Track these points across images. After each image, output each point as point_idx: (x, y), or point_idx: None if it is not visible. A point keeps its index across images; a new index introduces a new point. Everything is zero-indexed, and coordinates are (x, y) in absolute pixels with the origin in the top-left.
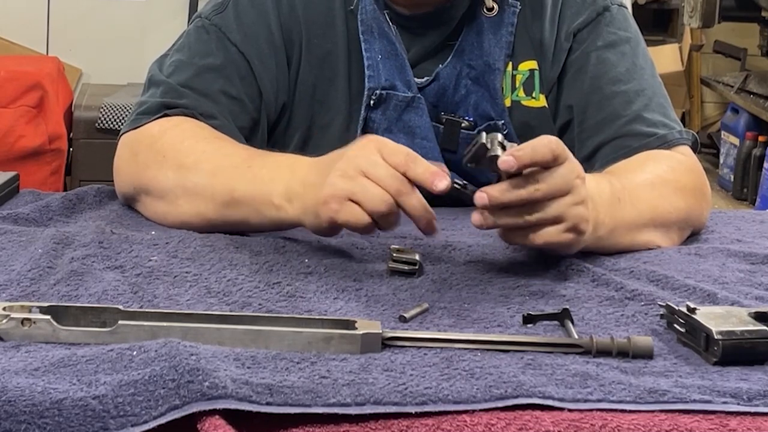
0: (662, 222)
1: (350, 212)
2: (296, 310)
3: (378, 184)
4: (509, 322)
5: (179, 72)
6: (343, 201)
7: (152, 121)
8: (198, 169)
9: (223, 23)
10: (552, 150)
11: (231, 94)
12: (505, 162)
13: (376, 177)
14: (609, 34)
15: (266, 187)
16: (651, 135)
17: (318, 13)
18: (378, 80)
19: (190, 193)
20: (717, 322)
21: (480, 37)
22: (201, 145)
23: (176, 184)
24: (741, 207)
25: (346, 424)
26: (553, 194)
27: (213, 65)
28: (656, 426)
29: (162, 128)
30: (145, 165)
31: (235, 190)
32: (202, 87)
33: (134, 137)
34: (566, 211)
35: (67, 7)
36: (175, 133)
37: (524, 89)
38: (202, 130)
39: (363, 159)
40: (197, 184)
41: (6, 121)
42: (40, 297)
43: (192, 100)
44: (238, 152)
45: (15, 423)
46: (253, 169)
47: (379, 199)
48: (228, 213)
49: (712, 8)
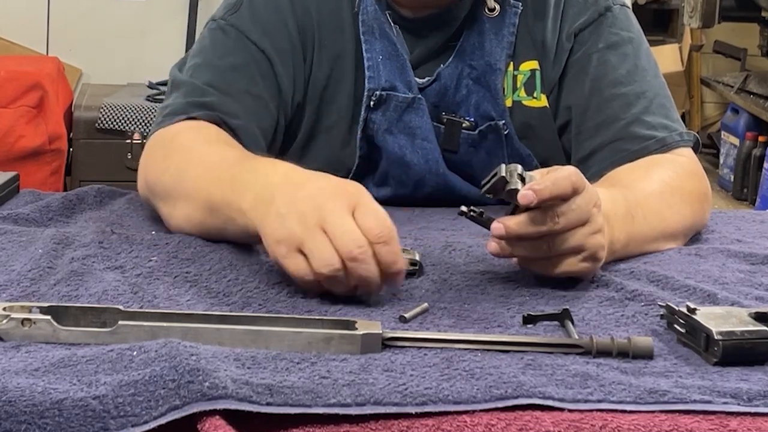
0: (671, 233)
1: (295, 264)
2: (296, 310)
3: (333, 242)
4: (509, 323)
5: (200, 74)
6: (291, 249)
7: (176, 122)
8: (192, 172)
9: (239, 22)
10: (572, 183)
11: (254, 93)
12: (525, 197)
13: (334, 234)
14: (611, 35)
15: (238, 193)
16: (650, 138)
17: (329, 15)
18: (378, 81)
19: (183, 196)
20: (717, 323)
21: (481, 37)
22: (205, 148)
23: (173, 187)
24: (741, 207)
25: (347, 425)
26: (573, 226)
27: (234, 64)
28: (656, 426)
29: (179, 129)
30: (156, 162)
31: (213, 195)
32: (224, 86)
33: (155, 139)
34: (585, 242)
35: (67, 7)
36: (189, 135)
37: (525, 89)
38: (215, 134)
39: (329, 212)
40: (188, 188)
41: (6, 121)
42: (40, 297)
43: (215, 98)
44: (229, 156)
45: (15, 423)
46: (233, 174)
47: (325, 262)
48: (210, 219)
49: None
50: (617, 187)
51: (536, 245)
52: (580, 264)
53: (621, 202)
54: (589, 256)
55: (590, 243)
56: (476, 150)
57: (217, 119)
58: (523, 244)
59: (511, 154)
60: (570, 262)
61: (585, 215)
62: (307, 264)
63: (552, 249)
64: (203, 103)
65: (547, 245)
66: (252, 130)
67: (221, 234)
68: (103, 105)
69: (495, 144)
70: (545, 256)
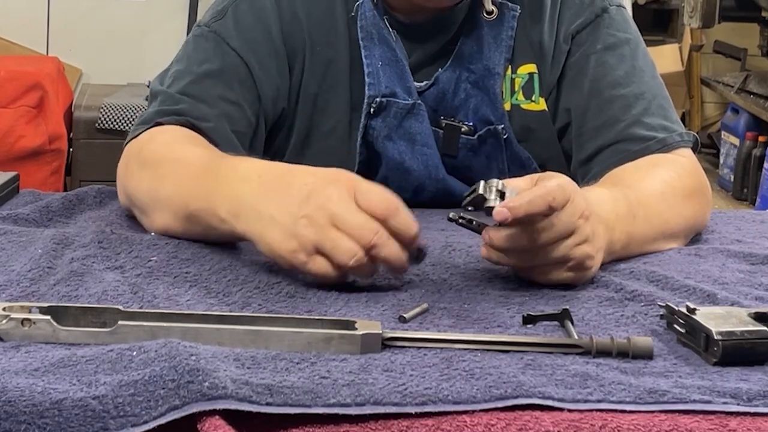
0: (672, 233)
1: (318, 266)
2: (296, 310)
3: (350, 235)
4: (509, 323)
5: (178, 81)
6: (311, 253)
7: (146, 131)
8: (167, 180)
9: (222, 29)
10: (549, 202)
11: (229, 99)
12: (500, 214)
13: (347, 227)
14: (608, 36)
15: (214, 201)
16: (650, 139)
17: (321, 21)
18: (378, 88)
19: (160, 206)
20: (717, 323)
21: (480, 41)
22: (177, 153)
23: (150, 197)
24: (741, 207)
25: (346, 425)
26: (554, 241)
27: (211, 71)
28: (656, 426)
29: (150, 136)
30: (131, 175)
31: (190, 204)
32: (199, 93)
33: (128, 148)
34: (569, 253)
35: (67, 7)
36: (160, 140)
37: (523, 93)
38: (187, 137)
39: (335, 205)
40: (163, 196)
41: (6, 121)
42: (40, 297)
43: (187, 105)
44: (202, 161)
45: (15, 423)
46: (208, 180)
47: (348, 255)
48: (189, 227)
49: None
50: (619, 187)
51: (522, 257)
52: (566, 273)
53: (622, 201)
54: (575, 266)
55: (576, 254)
56: (476, 154)
57: (186, 123)
58: (509, 254)
59: (511, 158)
60: (556, 273)
61: (568, 228)
62: (329, 263)
63: (537, 260)
64: (174, 111)
65: (532, 256)
66: (224, 133)
67: (205, 239)
68: (103, 105)
69: (494, 148)
70: (532, 266)
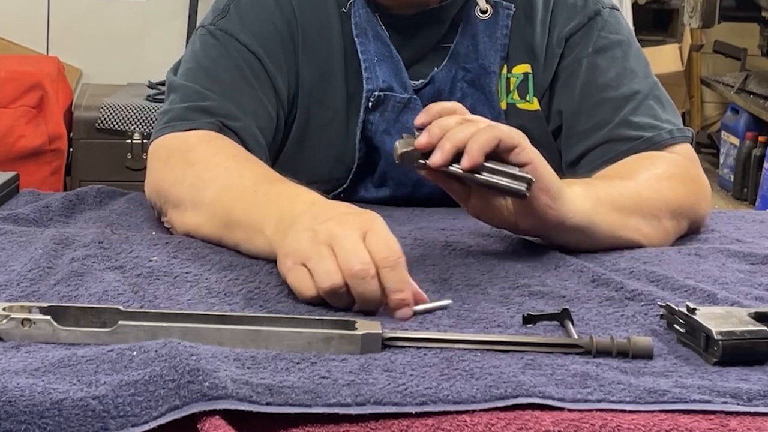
0: (651, 211)
1: (298, 277)
2: (296, 310)
3: (339, 259)
4: (509, 322)
5: (195, 78)
6: (297, 262)
7: (191, 130)
8: (212, 185)
9: (228, 26)
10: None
11: (250, 94)
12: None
13: (339, 251)
14: (600, 39)
15: (261, 216)
16: (637, 138)
17: (313, 14)
18: (376, 82)
19: (198, 206)
20: (717, 323)
21: (475, 40)
22: (226, 162)
23: (190, 196)
24: (741, 207)
25: (347, 425)
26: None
27: (227, 67)
28: (656, 426)
29: (199, 139)
30: (172, 171)
31: (233, 213)
32: (221, 89)
33: (165, 143)
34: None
35: (67, 7)
36: (208, 147)
37: (518, 92)
38: (234, 149)
39: (340, 230)
40: (205, 199)
41: (6, 121)
42: (40, 297)
43: (214, 102)
44: (252, 174)
45: (15, 423)
46: (257, 195)
47: (328, 276)
48: (225, 234)
49: (712, 8)
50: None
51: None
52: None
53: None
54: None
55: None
56: None
57: (218, 124)
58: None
59: None
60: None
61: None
62: (310, 278)
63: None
64: (203, 108)
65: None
66: (252, 131)
67: (231, 247)
68: (103, 105)
69: None
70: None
